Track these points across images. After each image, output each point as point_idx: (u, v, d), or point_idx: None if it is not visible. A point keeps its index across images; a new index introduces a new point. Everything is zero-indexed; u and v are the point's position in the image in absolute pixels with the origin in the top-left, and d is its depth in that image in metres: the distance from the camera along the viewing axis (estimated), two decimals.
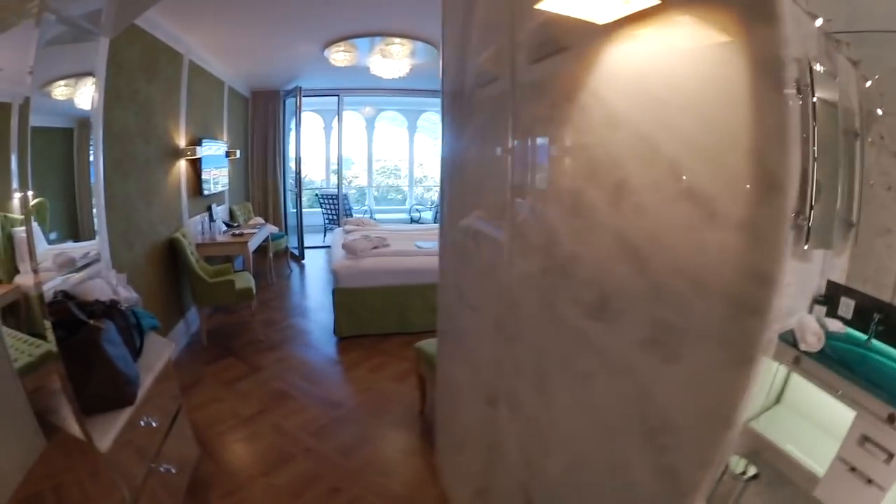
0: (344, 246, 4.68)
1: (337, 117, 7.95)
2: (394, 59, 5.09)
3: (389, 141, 11.00)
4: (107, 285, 2.37)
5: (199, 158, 4.64)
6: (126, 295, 2.53)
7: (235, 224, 5.66)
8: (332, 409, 3.23)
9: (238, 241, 4.91)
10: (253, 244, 5.17)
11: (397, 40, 4.88)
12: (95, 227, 2.71)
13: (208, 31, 4.21)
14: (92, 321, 1.71)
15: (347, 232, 5.88)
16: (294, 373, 3.73)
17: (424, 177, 11.51)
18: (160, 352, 2.19)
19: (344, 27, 4.53)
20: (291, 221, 7.86)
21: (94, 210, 2.73)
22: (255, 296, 4.20)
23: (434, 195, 11.40)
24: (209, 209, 5.17)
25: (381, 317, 4.51)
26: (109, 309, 2.00)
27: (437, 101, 7.62)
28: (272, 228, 6.44)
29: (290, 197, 7.97)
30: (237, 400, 3.31)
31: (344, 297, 4.36)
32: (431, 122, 10.60)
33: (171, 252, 3.98)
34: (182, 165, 4.34)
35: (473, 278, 1.90)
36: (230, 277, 4.12)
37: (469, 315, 1.96)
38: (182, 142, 4.30)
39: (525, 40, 1.44)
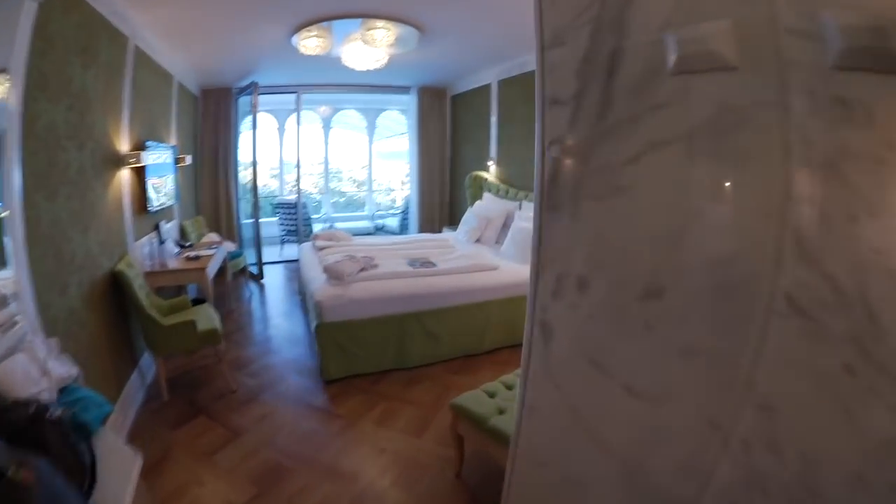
0: (327, 269, 3.93)
1: (296, 116, 7.11)
2: (375, 47, 4.37)
3: (343, 143, 10.17)
4: (32, 364, 1.59)
5: (145, 166, 3.77)
6: (61, 373, 1.77)
7: (188, 244, 4.78)
8: (347, 483, 2.53)
9: (195, 266, 4.06)
10: (212, 269, 4.32)
11: (381, 24, 4.18)
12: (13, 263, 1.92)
13: (160, 9, 3.38)
14: (12, 468, 0.95)
15: (320, 248, 5.08)
16: (286, 435, 2.98)
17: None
18: (123, 470, 1.45)
19: (320, 7, 3.80)
20: (245, 233, 6.97)
21: (10, 245, 1.92)
22: (221, 337, 3.40)
23: (380, 198, 10.74)
24: (157, 228, 4.29)
25: (376, 353, 3.82)
26: (35, 422, 1.25)
27: (402, 97, 7.03)
28: (230, 246, 5.58)
29: (243, 207, 7.08)
30: (223, 480, 2.54)
31: (331, 332, 3.63)
32: (381, 123, 9.91)
33: (116, 288, 3.12)
34: (124, 176, 3.47)
35: (647, 355, 1.28)
36: (189, 317, 3.29)
37: (623, 401, 1.34)
38: (124, 146, 3.44)
39: (820, 32, 0.87)
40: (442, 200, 8.08)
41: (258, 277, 6.51)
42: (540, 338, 1.71)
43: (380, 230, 8.91)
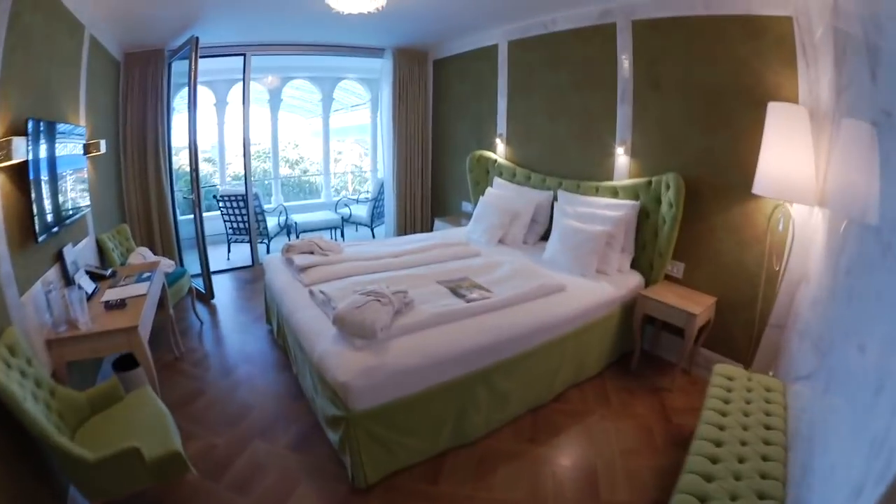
0: (342, 321, 2.49)
1: (240, 88, 5.53)
2: None
3: (284, 121, 8.54)
4: None
5: (27, 162, 2.23)
6: None
7: (109, 271, 3.22)
8: None
9: (122, 324, 2.48)
10: (147, 318, 2.82)
11: None
12: None
13: None
14: None
15: (302, 270, 3.51)
16: None
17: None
18: None
19: None
20: (183, 233, 5.29)
21: None
22: (188, 464, 1.95)
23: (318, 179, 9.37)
24: (59, 259, 2.74)
25: (429, 436, 2.55)
26: None
27: (367, 63, 4.99)
28: (167, 265, 4.01)
29: (179, 202, 5.44)
30: None
31: (366, 425, 2.33)
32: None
33: None
34: None
35: None
36: (130, 442, 1.78)
37: None
38: None
39: None
40: (423, 184, 6.71)
41: (207, 297, 4.97)
42: None
43: (346, 221, 7.37)
